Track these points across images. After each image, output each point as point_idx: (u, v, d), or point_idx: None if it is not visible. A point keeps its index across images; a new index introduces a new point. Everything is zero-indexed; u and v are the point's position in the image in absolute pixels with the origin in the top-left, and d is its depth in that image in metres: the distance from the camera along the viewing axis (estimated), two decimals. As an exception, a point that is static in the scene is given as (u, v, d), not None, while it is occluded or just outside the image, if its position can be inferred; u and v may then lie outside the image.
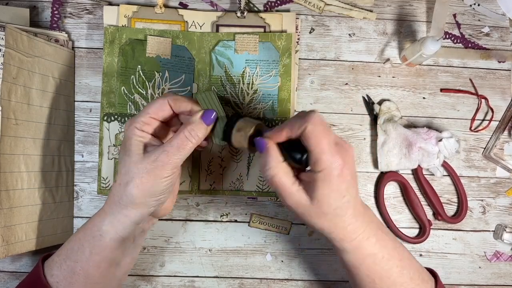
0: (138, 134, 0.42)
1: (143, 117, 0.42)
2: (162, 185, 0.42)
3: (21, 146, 0.50)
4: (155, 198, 0.42)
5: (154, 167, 0.40)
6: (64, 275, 0.43)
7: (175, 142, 0.41)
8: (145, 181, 0.41)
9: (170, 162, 0.41)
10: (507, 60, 0.61)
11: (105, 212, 0.43)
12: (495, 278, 0.60)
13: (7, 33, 0.47)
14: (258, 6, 0.60)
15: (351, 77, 0.61)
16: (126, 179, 0.41)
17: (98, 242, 0.43)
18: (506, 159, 0.60)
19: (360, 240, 0.42)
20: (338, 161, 0.39)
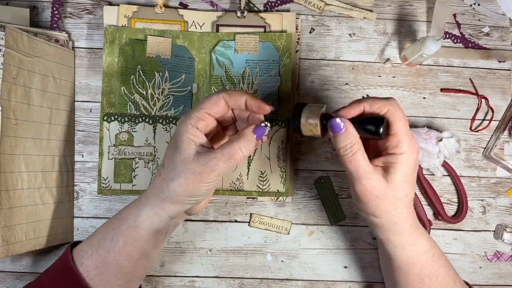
0: (191, 131, 0.42)
1: (197, 112, 0.42)
2: (204, 189, 0.42)
3: (21, 146, 0.50)
4: (194, 198, 0.43)
5: (201, 171, 0.41)
6: (95, 264, 0.43)
7: (227, 151, 0.41)
8: (190, 182, 0.41)
9: (218, 169, 0.41)
10: (507, 60, 0.61)
11: (142, 204, 0.44)
12: (495, 278, 0.60)
13: (7, 33, 0.47)
14: (258, 6, 0.60)
15: (351, 77, 0.61)
16: (171, 175, 0.42)
17: (133, 232, 0.44)
18: (506, 159, 0.60)
19: (416, 236, 0.43)
20: (416, 146, 0.42)
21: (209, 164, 0.40)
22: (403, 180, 0.41)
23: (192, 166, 0.41)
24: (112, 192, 0.57)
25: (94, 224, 0.58)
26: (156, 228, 0.44)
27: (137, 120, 0.58)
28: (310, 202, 0.59)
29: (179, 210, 0.44)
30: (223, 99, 0.43)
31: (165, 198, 0.43)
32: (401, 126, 0.41)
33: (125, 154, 0.57)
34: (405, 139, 0.41)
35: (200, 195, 0.43)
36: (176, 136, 0.43)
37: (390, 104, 0.42)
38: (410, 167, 0.41)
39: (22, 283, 0.57)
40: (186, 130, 0.42)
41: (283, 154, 0.58)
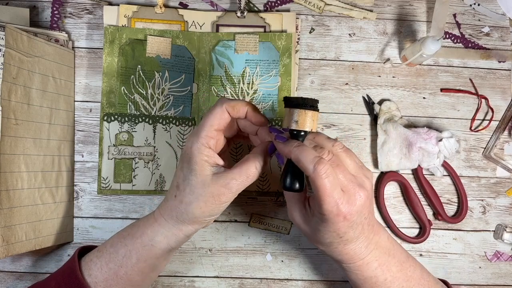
0: (205, 152, 0.41)
1: (208, 131, 0.42)
2: (222, 207, 0.43)
3: (21, 146, 0.50)
4: (213, 217, 0.44)
5: (221, 193, 0.41)
6: (105, 277, 0.43)
7: (245, 172, 0.41)
8: (209, 204, 0.41)
9: (236, 189, 0.41)
10: (507, 60, 0.61)
11: (158, 224, 0.44)
12: (495, 278, 0.60)
13: (7, 33, 0.47)
14: (258, 6, 0.60)
15: (351, 77, 0.61)
16: (189, 199, 0.42)
17: (148, 251, 0.44)
18: (506, 159, 0.60)
19: (360, 264, 0.43)
20: (340, 210, 0.38)
21: (229, 185, 0.40)
22: (324, 233, 0.41)
23: (211, 189, 0.41)
24: (112, 192, 0.57)
25: (94, 224, 0.58)
26: (171, 247, 0.45)
27: (137, 120, 0.58)
28: (310, 202, 0.59)
29: (197, 229, 0.44)
30: (226, 110, 0.42)
31: (184, 220, 0.43)
32: (321, 194, 0.37)
33: (125, 154, 0.57)
34: (324, 206, 0.37)
35: (218, 213, 0.44)
36: (190, 158, 0.42)
37: (311, 166, 0.37)
38: (332, 227, 0.39)
39: (22, 283, 0.57)
40: (199, 152, 0.41)
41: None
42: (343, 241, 0.41)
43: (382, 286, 0.44)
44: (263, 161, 0.42)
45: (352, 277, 0.45)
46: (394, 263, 0.45)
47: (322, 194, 0.37)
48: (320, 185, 0.37)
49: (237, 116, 0.43)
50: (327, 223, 0.39)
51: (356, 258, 0.43)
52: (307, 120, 0.41)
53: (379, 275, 0.44)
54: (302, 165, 0.38)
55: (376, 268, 0.44)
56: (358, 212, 0.39)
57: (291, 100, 0.42)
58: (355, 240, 0.42)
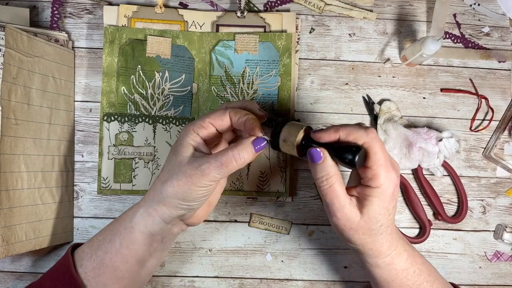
0: (192, 136, 0.42)
1: (201, 121, 0.43)
2: (195, 193, 0.42)
3: (21, 146, 0.50)
4: (186, 203, 0.43)
5: (193, 174, 0.41)
6: (93, 266, 0.44)
7: (221, 158, 0.41)
8: (181, 183, 0.41)
9: (209, 174, 0.41)
10: (507, 60, 0.61)
11: (139, 205, 0.45)
12: (495, 278, 0.60)
13: (7, 33, 0.47)
14: (258, 6, 0.60)
15: (351, 77, 0.61)
16: (166, 177, 0.42)
17: (129, 234, 0.44)
18: (506, 159, 0.60)
19: (393, 256, 0.43)
20: (394, 180, 0.40)
21: (201, 167, 0.40)
22: (378, 212, 0.41)
23: (185, 168, 0.41)
24: (112, 192, 0.57)
25: (94, 224, 0.58)
26: (150, 231, 0.44)
27: (137, 120, 0.58)
28: (310, 202, 0.59)
29: (171, 214, 0.43)
30: (228, 115, 0.43)
31: (159, 200, 0.43)
32: (377, 160, 0.40)
33: (125, 154, 0.57)
34: (382, 173, 0.40)
35: (193, 200, 0.43)
36: (178, 140, 0.43)
37: (367, 136, 0.40)
38: (386, 200, 0.41)
39: (22, 283, 0.57)
40: (187, 134, 0.43)
41: (283, 154, 0.58)
42: (389, 221, 0.42)
43: (412, 281, 0.44)
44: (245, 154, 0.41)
45: (383, 274, 0.44)
46: (417, 255, 0.46)
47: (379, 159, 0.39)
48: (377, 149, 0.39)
49: (236, 124, 0.43)
50: (380, 197, 0.40)
51: (392, 247, 0.43)
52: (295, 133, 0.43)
53: (409, 267, 0.44)
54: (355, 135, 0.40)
55: (406, 259, 0.44)
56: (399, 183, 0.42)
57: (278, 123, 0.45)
58: (391, 225, 0.43)
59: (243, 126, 0.43)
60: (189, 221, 0.47)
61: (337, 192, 0.41)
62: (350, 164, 0.40)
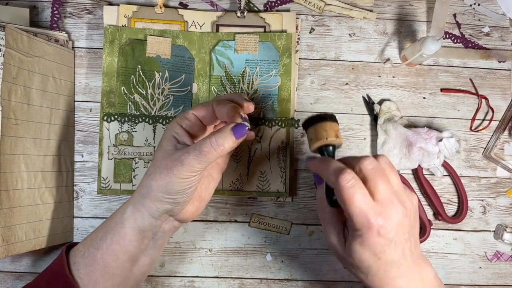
0: (175, 129, 0.43)
1: (184, 113, 0.44)
2: (177, 186, 0.41)
3: (21, 146, 0.50)
4: (170, 196, 0.42)
5: (173, 166, 0.40)
6: (85, 263, 0.44)
7: (199, 147, 0.40)
8: (163, 176, 0.41)
9: (189, 165, 0.40)
10: (507, 60, 0.61)
11: (129, 201, 0.45)
12: (495, 278, 0.60)
13: (7, 33, 0.47)
14: (258, 6, 0.60)
15: (351, 77, 0.61)
16: (150, 171, 0.43)
17: (119, 229, 0.44)
18: (507, 159, 0.60)
19: None
20: (371, 222, 0.35)
21: (180, 158, 0.40)
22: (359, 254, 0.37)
23: (166, 161, 0.41)
24: (112, 192, 0.57)
25: (94, 224, 0.58)
26: (139, 227, 0.44)
27: (137, 120, 0.58)
28: (310, 202, 0.59)
29: (158, 208, 0.43)
30: (211, 105, 0.44)
31: (145, 194, 0.43)
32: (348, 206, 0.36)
33: (125, 154, 0.57)
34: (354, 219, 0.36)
35: (177, 193, 0.42)
36: (163, 135, 0.44)
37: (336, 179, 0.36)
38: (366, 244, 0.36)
39: (22, 283, 0.57)
40: (171, 127, 0.43)
41: (283, 154, 0.58)
42: (382, 264, 0.37)
43: None
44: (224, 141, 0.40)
45: None
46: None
47: (349, 206, 0.35)
48: (345, 196, 0.35)
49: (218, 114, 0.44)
50: (361, 240, 0.36)
51: None
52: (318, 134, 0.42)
53: None
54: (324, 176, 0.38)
55: None
56: (395, 229, 0.36)
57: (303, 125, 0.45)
58: (397, 267, 0.37)
59: (226, 116, 0.42)
60: (179, 217, 0.46)
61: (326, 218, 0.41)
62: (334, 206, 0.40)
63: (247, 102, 0.45)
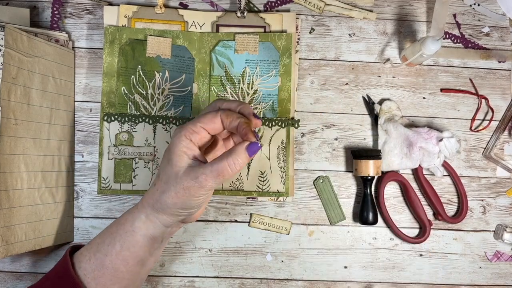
0: (184, 143, 0.42)
1: (193, 125, 0.42)
2: (194, 202, 0.42)
3: (21, 146, 0.50)
4: (186, 211, 0.43)
5: (190, 186, 0.41)
6: (92, 268, 0.44)
7: (216, 168, 0.40)
8: (180, 195, 0.41)
9: (207, 185, 0.41)
10: (507, 60, 0.61)
11: (138, 211, 0.45)
12: (495, 278, 0.60)
13: (7, 33, 0.47)
14: (258, 6, 0.60)
15: (351, 77, 0.61)
16: (163, 188, 0.42)
17: (130, 237, 0.44)
18: (506, 159, 0.60)
19: None
20: None
21: (198, 179, 0.40)
22: None
23: (182, 180, 0.41)
24: (112, 192, 0.57)
25: (94, 224, 0.58)
26: (151, 235, 0.45)
27: (137, 120, 0.58)
28: (310, 202, 0.59)
29: (173, 220, 0.44)
30: (220, 118, 0.42)
31: (159, 209, 0.43)
32: None
33: (125, 154, 0.57)
34: None
35: (192, 208, 0.43)
36: (170, 148, 0.43)
37: None
38: None
39: (22, 283, 0.57)
40: (179, 141, 0.42)
41: (283, 154, 0.58)
42: None
43: None
44: (240, 161, 0.41)
45: None
46: None
47: None
48: None
49: (228, 128, 0.43)
50: None
51: None
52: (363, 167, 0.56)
53: None
54: None
55: None
56: None
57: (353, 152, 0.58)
58: None
59: (236, 130, 0.42)
60: (186, 221, 0.47)
61: None
62: None
63: (256, 119, 0.44)
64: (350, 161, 0.59)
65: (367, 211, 0.57)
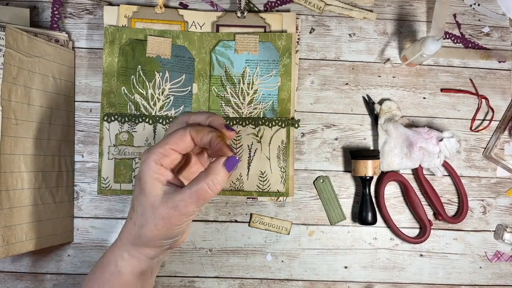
0: (155, 169, 0.38)
1: (161, 148, 0.38)
2: (177, 231, 0.39)
3: (21, 146, 0.50)
4: (170, 240, 0.41)
5: (170, 216, 0.37)
6: None
7: (195, 191, 0.37)
8: (160, 227, 0.38)
9: (188, 212, 0.37)
10: (507, 60, 0.61)
11: (119, 249, 0.42)
12: (495, 278, 0.60)
13: (7, 33, 0.47)
14: (258, 6, 0.60)
15: (351, 77, 0.61)
16: (141, 221, 0.39)
17: (118, 279, 0.41)
18: (507, 159, 0.60)
19: None
20: None
21: (178, 208, 0.37)
22: None
23: (160, 211, 0.37)
24: (112, 192, 0.57)
25: (94, 224, 0.58)
26: (139, 271, 0.42)
27: (137, 120, 0.58)
28: (310, 202, 0.59)
29: (157, 252, 0.41)
30: (190, 135, 0.38)
31: (140, 244, 0.40)
32: None
33: (125, 154, 0.57)
34: None
35: (176, 236, 0.40)
36: (141, 176, 0.38)
37: None
38: None
39: (22, 283, 0.57)
40: (149, 168, 0.38)
41: (283, 154, 0.58)
42: None
43: None
44: (219, 179, 0.37)
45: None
46: None
47: None
48: None
49: (200, 143, 0.39)
50: None
51: None
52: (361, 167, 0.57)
53: None
54: None
55: None
56: None
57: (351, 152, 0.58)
58: None
59: (209, 146, 0.39)
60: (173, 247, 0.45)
61: None
62: None
63: (228, 130, 0.40)
64: (350, 161, 0.59)
65: (366, 211, 0.57)
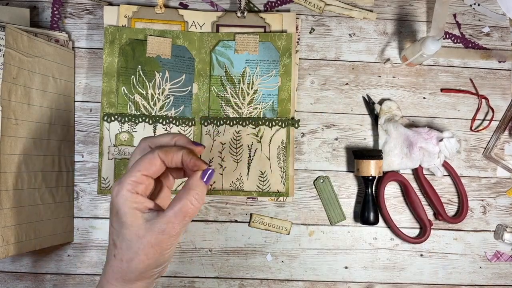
0: (131, 199, 0.37)
1: (133, 177, 0.37)
2: (168, 254, 0.39)
3: (21, 146, 0.50)
4: (160, 268, 0.40)
5: (159, 241, 0.37)
6: None
7: (179, 210, 0.37)
8: (151, 255, 0.37)
9: (176, 232, 0.37)
10: (507, 60, 0.61)
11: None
12: (495, 278, 0.60)
13: (7, 33, 0.47)
14: (258, 6, 0.60)
15: (351, 77, 0.61)
16: (129, 256, 0.37)
17: None
18: (507, 159, 0.60)
19: None
20: None
21: (165, 231, 0.36)
22: None
23: (147, 239, 0.36)
24: (112, 192, 0.57)
25: (94, 224, 0.58)
26: None
27: (137, 120, 0.58)
28: (310, 202, 0.59)
29: (149, 283, 0.40)
30: (159, 157, 0.38)
31: (131, 279, 0.39)
32: None
33: (125, 154, 0.57)
34: None
35: (167, 261, 0.40)
36: (117, 210, 0.37)
37: None
38: None
39: (22, 283, 0.57)
40: (125, 200, 0.36)
41: (283, 154, 0.58)
42: None
43: None
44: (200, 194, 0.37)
45: None
46: None
47: None
48: None
49: (171, 164, 0.38)
50: None
51: None
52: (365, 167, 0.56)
53: None
54: None
55: None
56: None
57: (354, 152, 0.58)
58: None
59: (180, 164, 0.38)
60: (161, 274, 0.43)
61: None
62: None
63: (197, 146, 0.40)
64: (350, 161, 0.59)
65: (368, 211, 0.57)
